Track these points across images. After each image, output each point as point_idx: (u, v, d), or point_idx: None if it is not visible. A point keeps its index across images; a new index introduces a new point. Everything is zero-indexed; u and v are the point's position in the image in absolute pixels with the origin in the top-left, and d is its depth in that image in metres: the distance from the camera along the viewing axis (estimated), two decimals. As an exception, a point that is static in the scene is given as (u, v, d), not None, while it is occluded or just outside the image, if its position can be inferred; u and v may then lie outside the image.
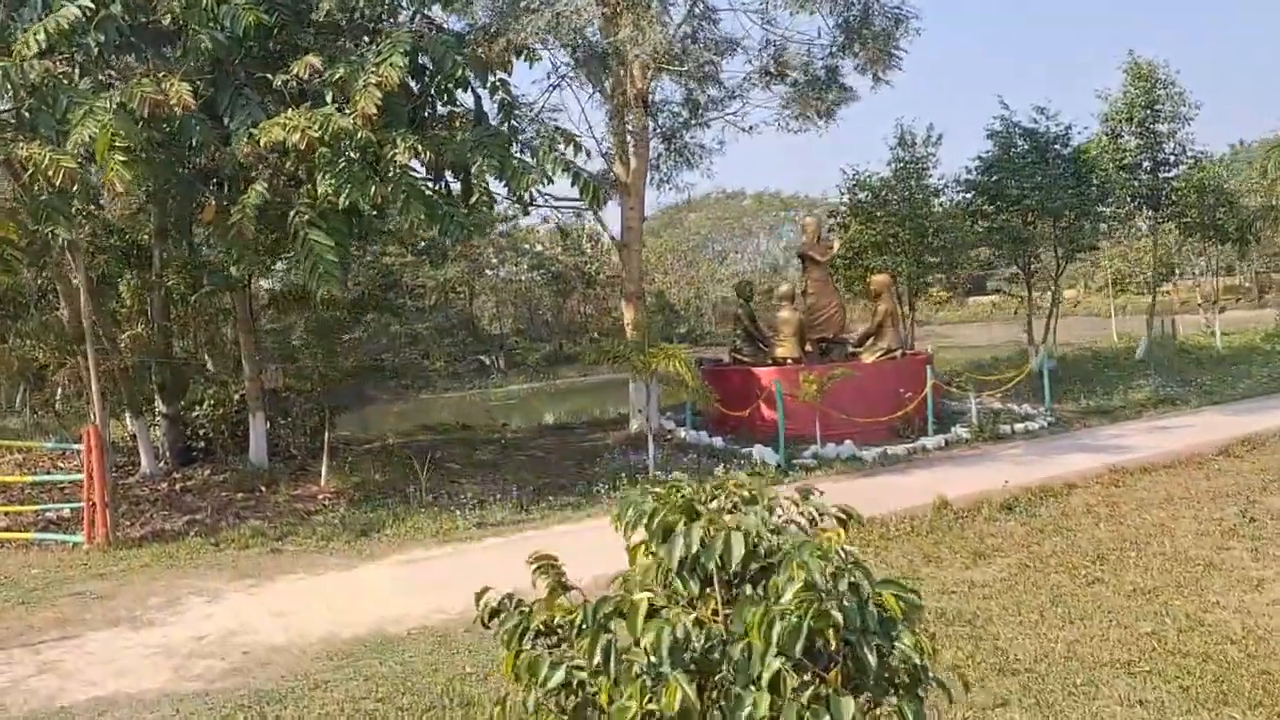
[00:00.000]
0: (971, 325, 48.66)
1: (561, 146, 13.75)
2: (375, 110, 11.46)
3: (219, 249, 15.85)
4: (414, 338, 19.24)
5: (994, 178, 21.71)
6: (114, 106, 10.78)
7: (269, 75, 12.47)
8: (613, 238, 18.24)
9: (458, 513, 11.70)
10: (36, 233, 14.59)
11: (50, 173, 10.34)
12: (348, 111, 11.63)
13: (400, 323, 18.05)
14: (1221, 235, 23.77)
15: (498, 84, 14.34)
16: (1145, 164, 23.44)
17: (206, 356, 16.25)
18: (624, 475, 13.74)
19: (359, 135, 11.63)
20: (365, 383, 15.43)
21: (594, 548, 10.31)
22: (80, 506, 11.24)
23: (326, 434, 14.44)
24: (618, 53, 13.74)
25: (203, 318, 16.03)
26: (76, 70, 11.98)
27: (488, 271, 56.63)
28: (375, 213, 13.36)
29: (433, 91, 13.97)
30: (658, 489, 3.08)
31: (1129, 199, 23.22)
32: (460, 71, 13.22)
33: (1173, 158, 23.50)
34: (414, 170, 12.72)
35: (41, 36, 11.10)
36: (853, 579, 2.66)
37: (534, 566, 3.00)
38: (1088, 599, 7.45)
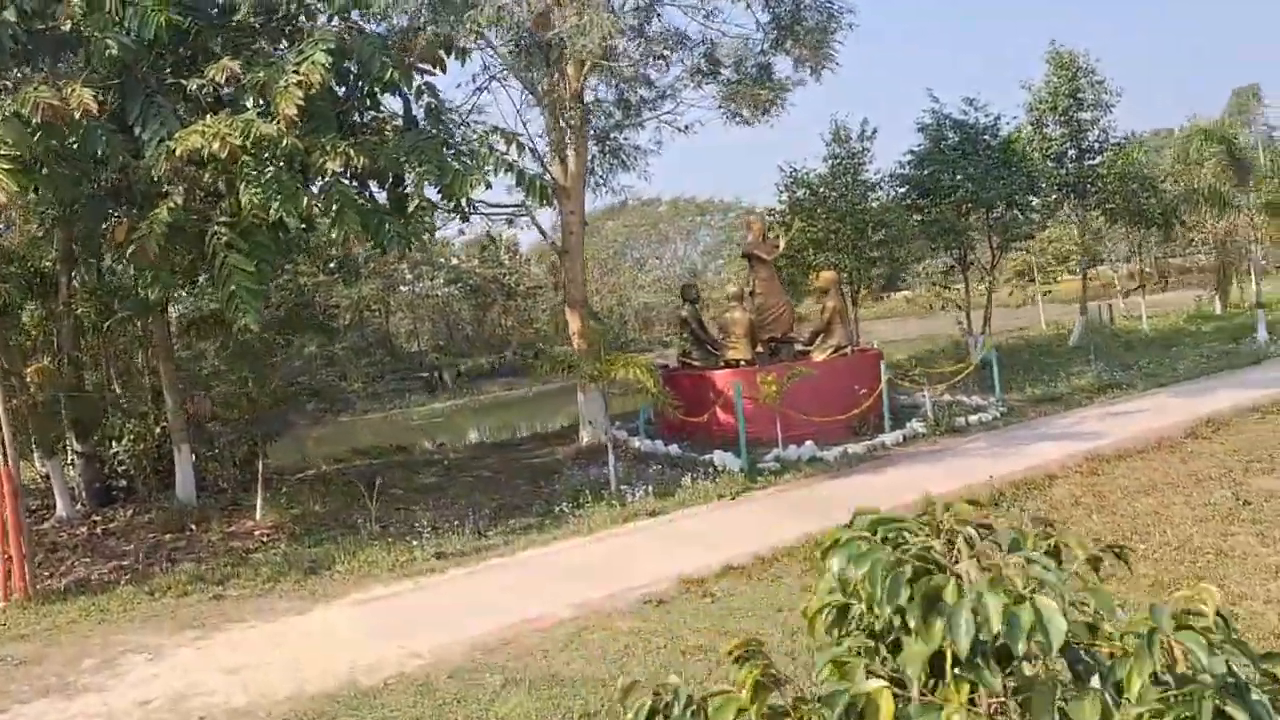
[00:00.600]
0: (888, 321, 48.97)
1: (501, 145, 13.09)
2: (297, 112, 10.63)
3: (131, 272, 14.81)
4: (330, 359, 18.24)
5: (926, 170, 21.65)
6: (3, 115, 9.77)
7: (183, 81, 11.55)
8: (552, 243, 17.57)
9: (413, 542, 10.89)
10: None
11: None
12: (269, 117, 10.80)
13: (320, 343, 17.01)
14: (1146, 220, 24.14)
15: (424, 87, 13.60)
16: (1070, 152, 23.69)
17: (119, 388, 15.07)
18: (586, 491, 13.06)
19: (285, 142, 10.78)
20: (290, 408, 14.41)
21: (571, 571, 9.76)
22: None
23: (260, 464, 13.46)
24: (559, 44, 13.05)
25: (116, 347, 14.85)
26: (-34, 81, 10.87)
27: (402, 288, 55.44)
28: (303, 227, 12.52)
29: (359, 95, 13.17)
30: (862, 534, 2.22)
31: (1055, 188, 23.41)
32: (389, 73, 12.43)
33: (1096, 145, 23.80)
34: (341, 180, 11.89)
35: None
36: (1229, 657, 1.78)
37: (733, 656, 2.05)
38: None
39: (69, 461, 15.03)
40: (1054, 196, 23.53)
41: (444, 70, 13.60)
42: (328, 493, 14.47)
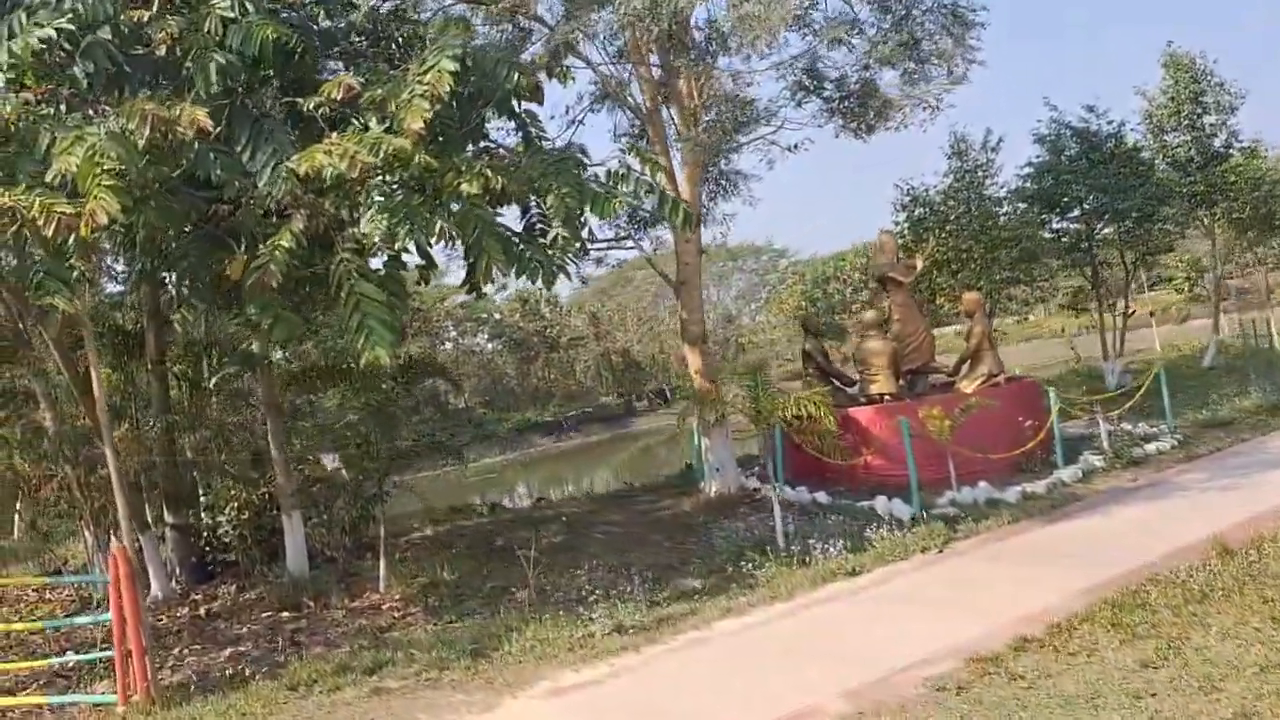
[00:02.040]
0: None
1: (638, 167, 11.73)
2: (424, 125, 9.31)
3: (235, 321, 13.51)
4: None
5: (1048, 183, 20.07)
6: (105, 133, 8.51)
7: (296, 100, 10.30)
8: (665, 276, 16.13)
9: (583, 612, 9.33)
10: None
11: (42, 222, 7.98)
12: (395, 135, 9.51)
13: (451, 389, 15.60)
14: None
15: (524, 115, 12.35)
16: (1195, 159, 22.03)
17: (218, 453, 13.72)
18: (749, 548, 11.48)
19: (417, 159, 9.47)
20: (408, 464, 12.95)
21: (794, 647, 7.51)
22: (103, 655, 8.71)
23: (381, 528, 11.98)
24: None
25: (212, 407, 13.53)
26: (63, 107, 9.66)
27: (447, 344, 54.72)
28: (424, 260, 11.21)
29: (481, 115, 11.88)
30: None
31: (1184, 198, 21.74)
32: (516, 82, 11.16)
33: (1222, 150, 22.15)
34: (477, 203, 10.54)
35: (4, 57, 8.88)
36: None
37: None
38: None
39: (160, 536, 13.69)
40: (1184, 206, 21.78)
41: (541, 101, 12.34)
42: (449, 558, 12.94)
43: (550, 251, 10.57)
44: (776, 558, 10.76)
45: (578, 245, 11.28)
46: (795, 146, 19.33)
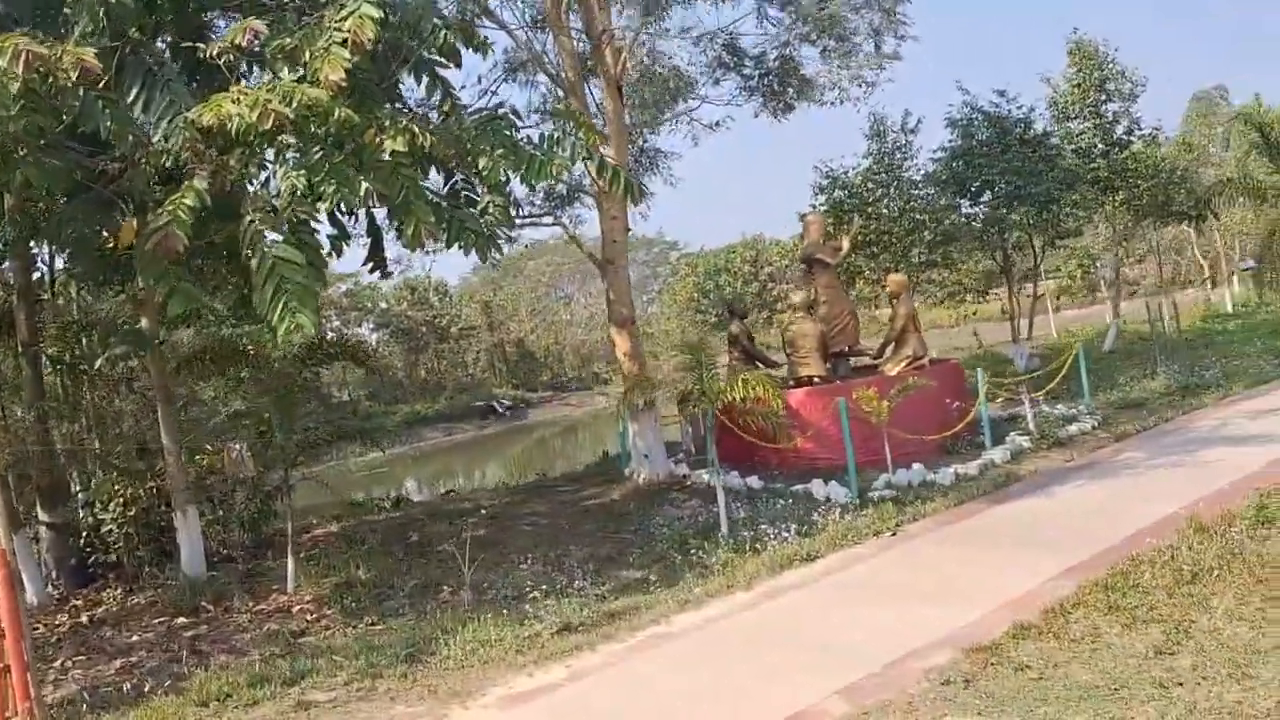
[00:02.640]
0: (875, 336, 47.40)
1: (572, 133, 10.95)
2: (344, 76, 8.37)
3: (119, 296, 12.22)
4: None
5: (960, 166, 20.06)
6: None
7: (196, 46, 9.19)
8: (590, 255, 15.39)
9: (525, 609, 8.59)
10: None
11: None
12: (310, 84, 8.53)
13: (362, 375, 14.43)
14: (1178, 215, 22.99)
15: (437, 81, 11.44)
16: (1099, 146, 22.42)
17: (100, 444, 12.38)
18: (692, 536, 10.91)
19: (337, 113, 8.51)
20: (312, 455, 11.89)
21: (769, 640, 6.89)
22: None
23: (289, 524, 10.93)
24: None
25: (94, 394, 12.18)
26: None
27: (329, 334, 52.61)
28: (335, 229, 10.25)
29: (400, 71, 10.90)
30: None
31: (1088, 184, 22.09)
32: (443, 38, 10.24)
33: (1125, 138, 22.60)
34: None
35: None
36: None
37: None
38: None
39: (33, 535, 12.31)
40: (1089, 192, 22.10)
41: (459, 64, 11.44)
42: (365, 555, 11.97)
43: (483, 220, 9.72)
44: (723, 545, 10.19)
45: (510, 214, 10.45)
46: (717, 124, 19.05)
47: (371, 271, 12.90)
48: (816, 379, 14.81)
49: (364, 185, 8.82)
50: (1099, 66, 22.06)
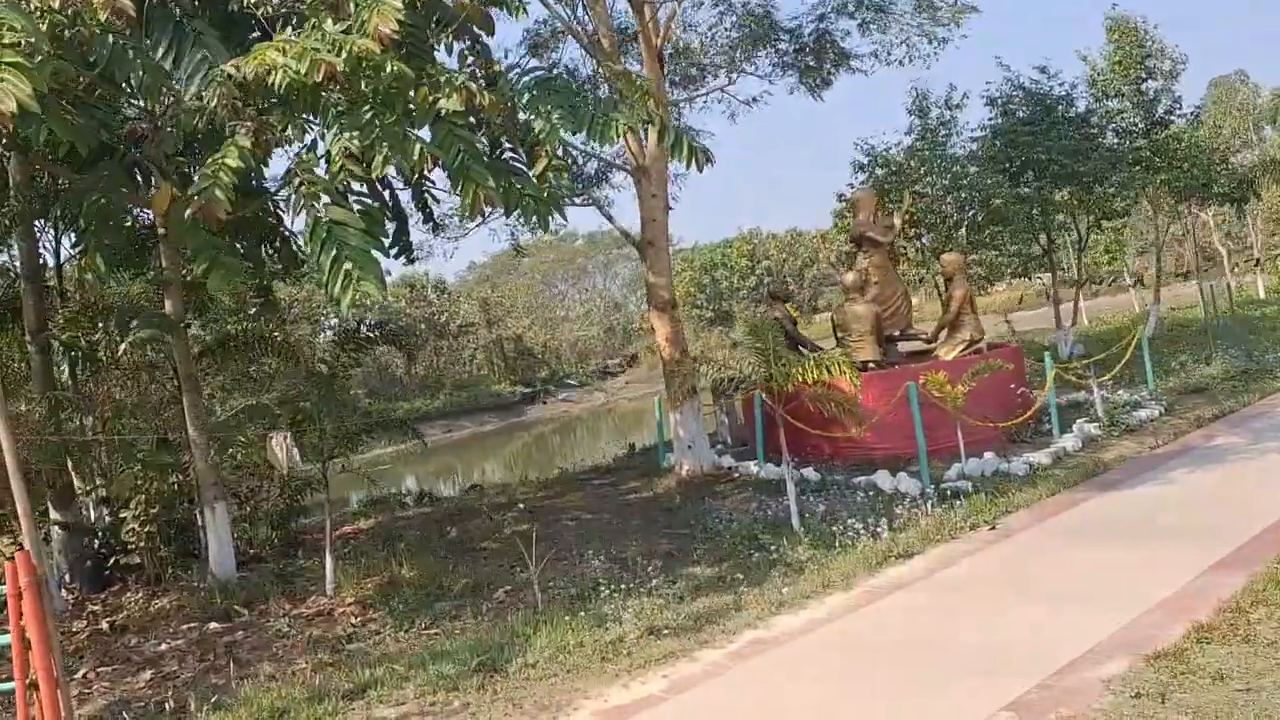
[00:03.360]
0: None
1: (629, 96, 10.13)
2: (396, 28, 7.56)
3: (138, 277, 11.36)
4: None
5: (998, 146, 19.24)
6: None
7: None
8: (626, 234, 14.56)
9: (603, 610, 7.79)
10: None
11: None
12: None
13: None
14: (1220, 196, 22.24)
15: (474, 51, 10.62)
16: (1139, 126, 21.64)
17: (117, 438, 11.49)
18: (761, 530, 10.12)
19: (390, 67, 7.71)
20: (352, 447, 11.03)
21: (891, 647, 6.21)
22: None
23: (328, 521, 10.10)
24: None
25: (110, 383, 11.31)
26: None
27: (328, 331, 51.74)
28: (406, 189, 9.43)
29: (439, 34, 10.07)
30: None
31: (1130, 164, 21.29)
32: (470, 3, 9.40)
33: (1165, 117, 21.82)
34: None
35: None
36: None
37: None
38: None
39: (44, 536, 11.46)
40: (1131, 172, 21.31)
41: (491, 32, 10.62)
42: (404, 554, 11.15)
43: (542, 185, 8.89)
44: (803, 540, 9.39)
45: (568, 179, 9.63)
46: (755, 100, 18.30)
47: (397, 257, 12.12)
48: (872, 364, 14.01)
49: (418, 148, 7.99)
50: (1139, 44, 21.28)
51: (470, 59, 10.32)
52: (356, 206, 8.02)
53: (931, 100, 19.17)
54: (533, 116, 8.82)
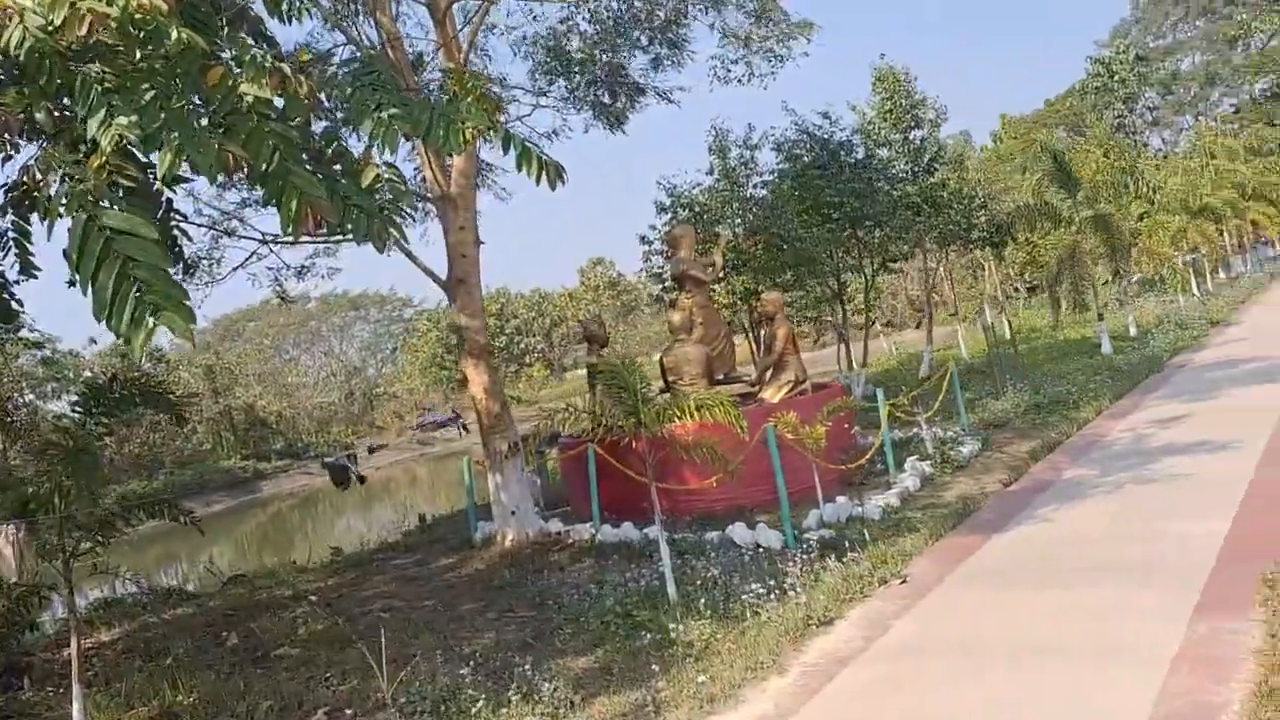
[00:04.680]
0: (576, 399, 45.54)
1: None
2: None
3: None
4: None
5: (796, 187, 19.18)
6: None
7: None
8: (432, 275, 12.76)
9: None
10: None
11: None
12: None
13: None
14: (982, 240, 23.36)
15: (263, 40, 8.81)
16: (906, 173, 22.40)
17: None
18: (631, 604, 8.69)
19: (176, 34, 5.81)
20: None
21: None
22: None
23: (74, 637, 7.59)
24: None
25: None
26: None
27: (20, 409, 45.37)
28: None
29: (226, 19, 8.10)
30: None
31: (902, 209, 21.93)
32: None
33: (932, 164, 22.74)
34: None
35: None
36: None
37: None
38: None
39: None
40: (906, 217, 21.93)
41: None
42: (174, 670, 8.76)
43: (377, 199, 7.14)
44: (683, 613, 8.04)
45: (404, 189, 7.87)
46: (555, 133, 17.26)
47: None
48: (706, 410, 12.95)
49: (215, 143, 6.06)
50: (907, 94, 22.12)
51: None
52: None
53: (731, 139, 18.83)
54: (355, 115, 7.09)
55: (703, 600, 8.32)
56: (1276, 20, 71.29)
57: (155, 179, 7.32)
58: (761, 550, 10.21)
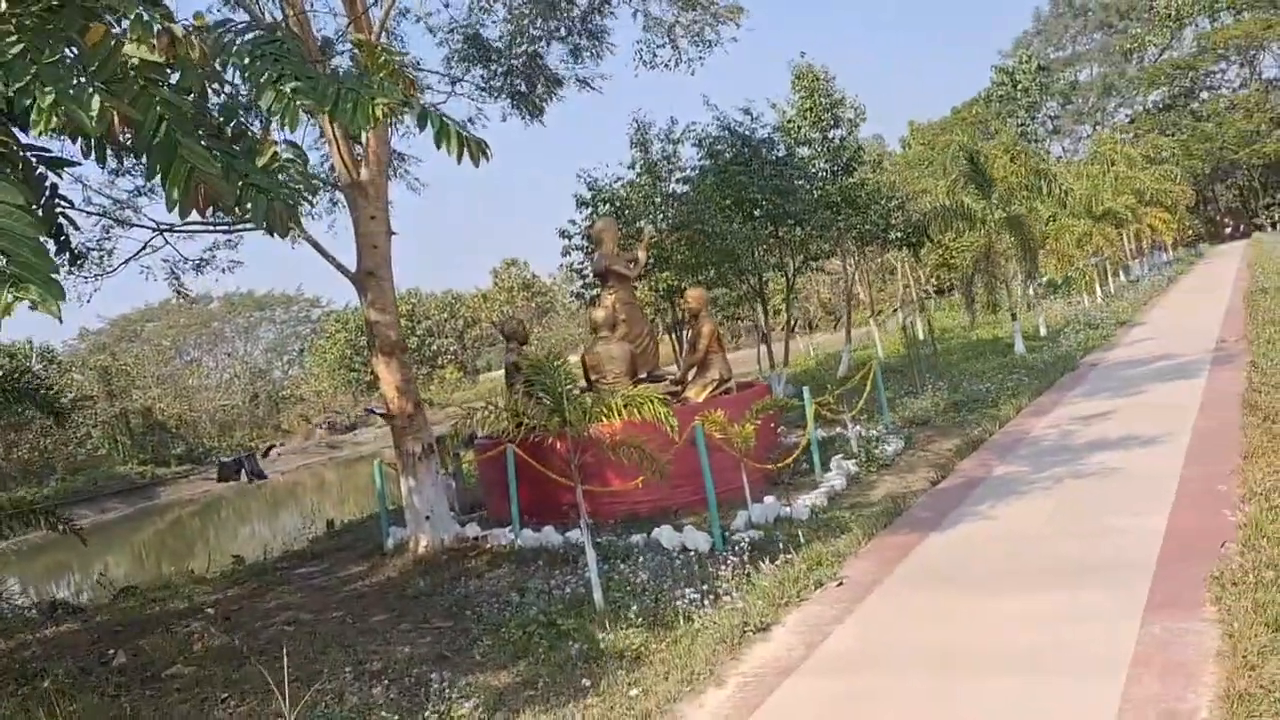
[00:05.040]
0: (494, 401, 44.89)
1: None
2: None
3: None
4: None
5: (718, 183, 18.88)
6: None
7: None
8: (340, 266, 12.08)
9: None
10: None
11: None
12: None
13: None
14: (900, 240, 23.46)
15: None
16: (825, 171, 22.36)
17: None
18: (555, 613, 8.21)
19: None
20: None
21: None
22: None
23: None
24: None
25: None
26: None
27: None
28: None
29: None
30: None
31: (822, 208, 21.86)
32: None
33: (851, 164, 22.73)
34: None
35: None
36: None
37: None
38: None
39: None
40: (826, 216, 21.85)
41: None
42: (57, 696, 7.96)
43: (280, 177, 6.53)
44: (625, 622, 7.61)
45: (306, 170, 7.24)
46: (471, 121, 16.62)
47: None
48: (628, 409, 12.53)
49: (97, 99, 5.41)
50: (826, 93, 22.07)
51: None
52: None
53: (653, 133, 18.45)
54: (253, 87, 6.47)
55: (633, 607, 7.88)
56: (1168, 35, 74.45)
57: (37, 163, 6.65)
58: (690, 553, 9.81)
